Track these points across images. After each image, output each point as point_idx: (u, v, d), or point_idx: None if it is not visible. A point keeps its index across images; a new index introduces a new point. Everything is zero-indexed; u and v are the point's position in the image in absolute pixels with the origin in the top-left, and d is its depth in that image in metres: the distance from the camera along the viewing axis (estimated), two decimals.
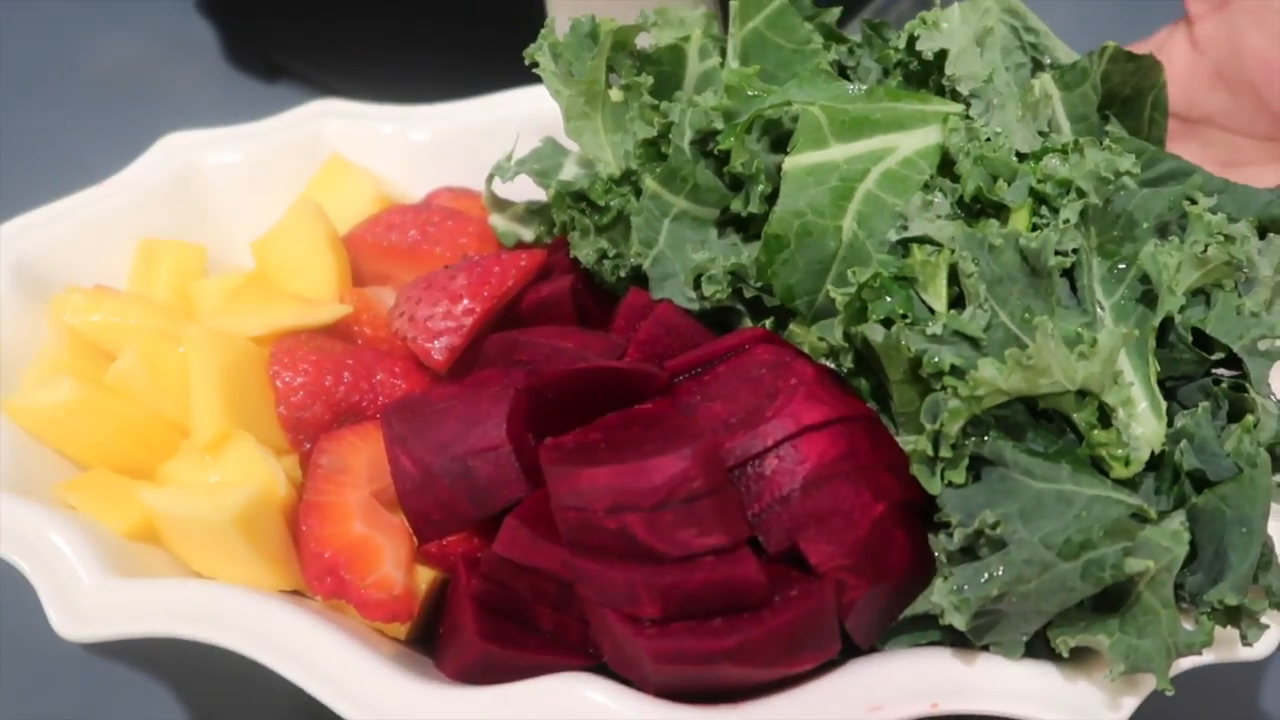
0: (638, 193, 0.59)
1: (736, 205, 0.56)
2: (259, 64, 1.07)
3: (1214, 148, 0.72)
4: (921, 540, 0.49)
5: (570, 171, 0.64)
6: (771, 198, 0.54)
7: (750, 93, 0.57)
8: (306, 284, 0.65)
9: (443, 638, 0.54)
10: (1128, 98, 0.60)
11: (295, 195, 0.74)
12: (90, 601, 0.50)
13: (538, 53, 0.62)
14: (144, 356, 0.59)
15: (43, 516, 0.53)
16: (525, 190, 0.67)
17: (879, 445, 0.49)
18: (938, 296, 0.50)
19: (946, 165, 0.54)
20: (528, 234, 0.67)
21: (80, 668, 0.68)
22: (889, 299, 0.50)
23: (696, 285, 0.56)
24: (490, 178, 0.67)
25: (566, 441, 0.50)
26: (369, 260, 0.68)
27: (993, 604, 0.46)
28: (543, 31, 0.62)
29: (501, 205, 0.68)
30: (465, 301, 0.58)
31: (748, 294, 0.56)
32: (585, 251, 0.60)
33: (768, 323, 0.55)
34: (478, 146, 0.75)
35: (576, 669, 0.49)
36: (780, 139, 0.56)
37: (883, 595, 0.48)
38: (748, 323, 0.56)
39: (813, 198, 0.53)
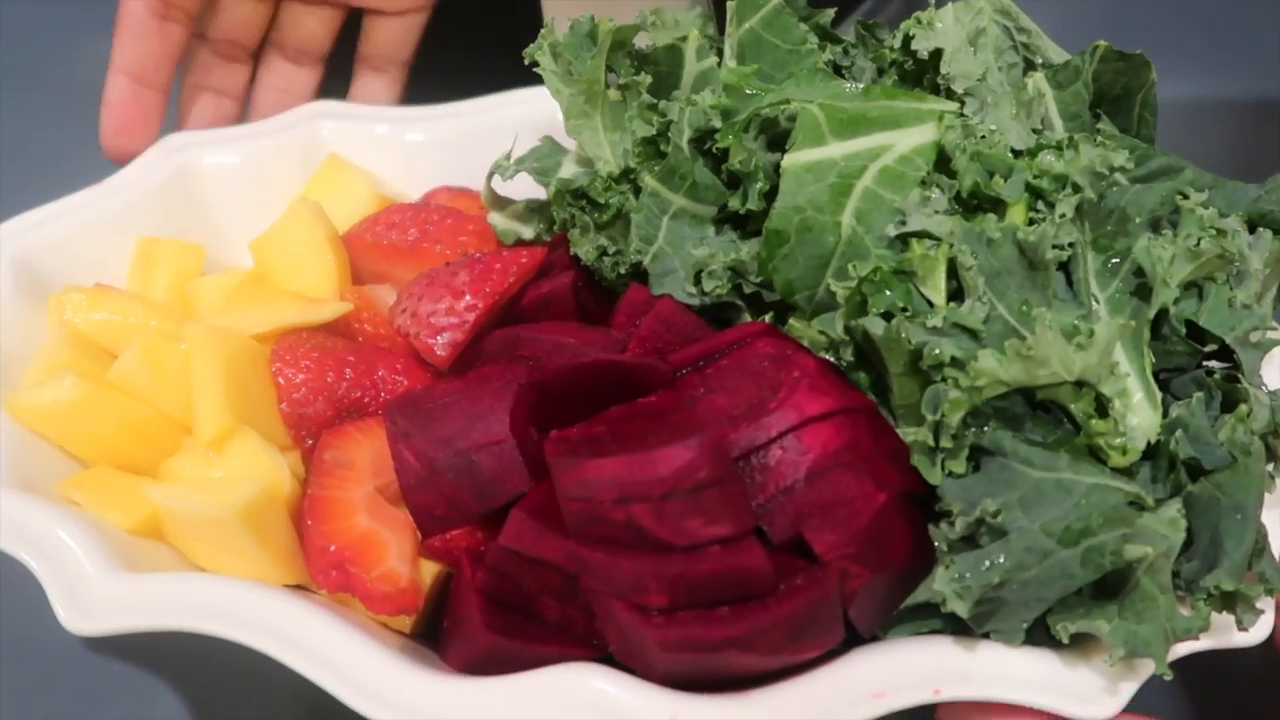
0: (637, 191, 0.60)
1: (734, 203, 0.57)
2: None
3: None
4: (922, 529, 0.49)
5: (570, 169, 0.65)
6: (770, 195, 0.55)
7: (748, 91, 0.58)
8: (306, 282, 0.66)
9: (447, 631, 0.54)
10: (1118, 97, 0.61)
11: (292, 196, 0.74)
12: (97, 596, 0.50)
13: (538, 52, 0.63)
14: (146, 354, 0.59)
15: (48, 513, 0.53)
16: (524, 189, 0.68)
17: (880, 436, 0.49)
18: (937, 290, 0.51)
19: (943, 162, 0.55)
20: (527, 232, 0.68)
21: (81, 667, 0.68)
22: (889, 292, 0.51)
23: (697, 281, 0.57)
24: (490, 176, 0.67)
25: (572, 434, 0.51)
26: (368, 259, 0.68)
27: (994, 591, 0.46)
28: (543, 31, 0.63)
29: (501, 203, 0.68)
30: (468, 298, 0.59)
31: (747, 289, 0.57)
32: (585, 249, 0.61)
33: (767, 318, 0.56)
34: (473, 147, 0.75)
35: (582, 660, 0.50)
36: (777, 137, 0.57)
37: (885, 584, 0.48)
38: (747, 318, 0.57)
39: (812, 194, 0.53)
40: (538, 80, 0.64)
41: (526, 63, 0.63)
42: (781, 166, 0.54)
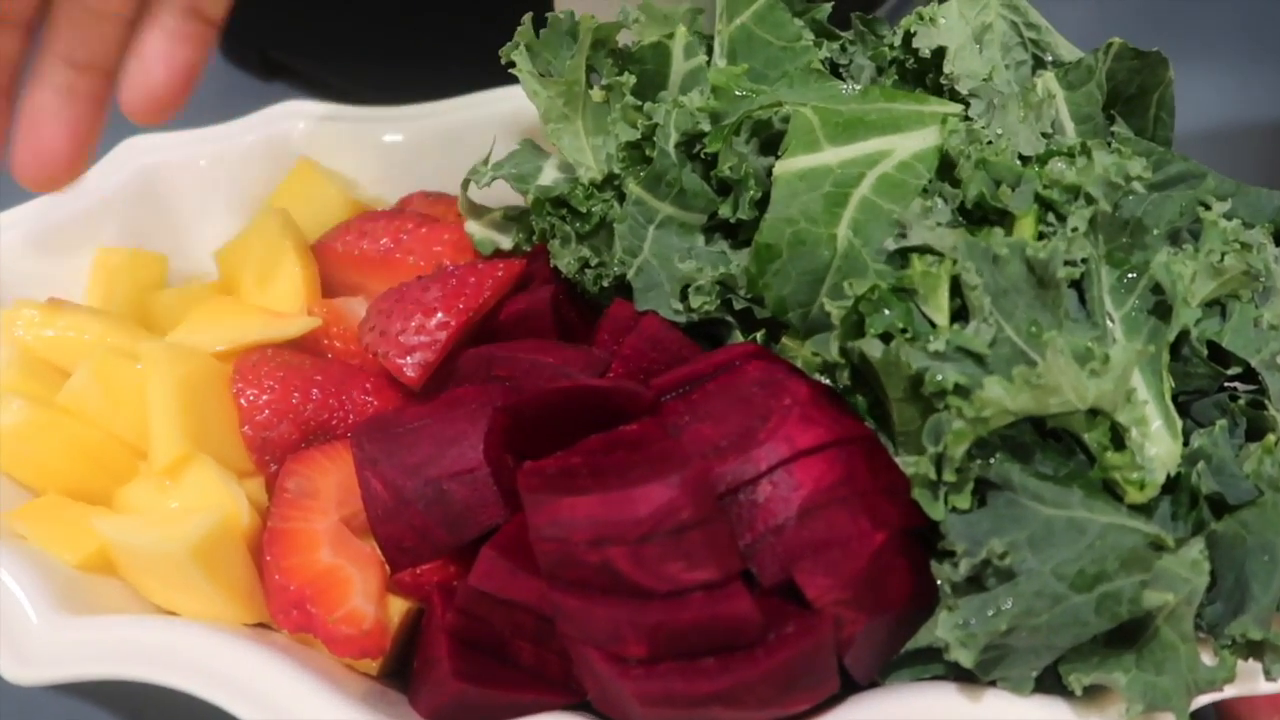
0: (621, 198, 0.56)
1: (725, 211, 0.53)
2: (254, 60, 1.04)
3: None
4: (923, 568, 0.46)
5: (549, 176, 0.61)
6: (761, 203, 0.52)
7: (738, 93, 0.54)
8: (273, 295, 0.62)
9: (417, 673, 0.51)
10: (1132, 96, 0.57)
11: (261, 201, 0.71)
12: (39, 642, 0.47)
13: (514, 52, 0.59)
14: (98, 374, 0.55)
15: None
16: (503, 195, 0.64)
17: (878, 469, 0.46)
18: (939, 309, 0.47)
19: (946, 169, 0.51)
20: (506, 241, 0.64)
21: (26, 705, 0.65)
22: (887, 312, 0.47)
23: (683, 297, 0.53)
24: (466, 183, 0.64)
25: (546, 466, 0.47)
26: (339, 270, 0.64)
27: (1001, 639, 0.43)
28: (519, 30, 0.59)
29: (478, 211, 0.64)
30: (439, 315, 0.55)
31: (737, 305, 0.53)
32: (566, 260, 0.57)
33: (758, 336, 0.53)
34: (454, 148, 0.72)
35: (558, 707, 0.47)
36: (770, 141, 0.53)
37: (883, 629, 0.45)
38: (738, 335, 0.53)
39: (805, 204, 0.50)
40: None
41: (503, 62, 0.60)
42: (773, 174, 0.50)
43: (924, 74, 0.56)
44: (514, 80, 0.61)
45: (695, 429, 0.47)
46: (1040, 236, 0.48)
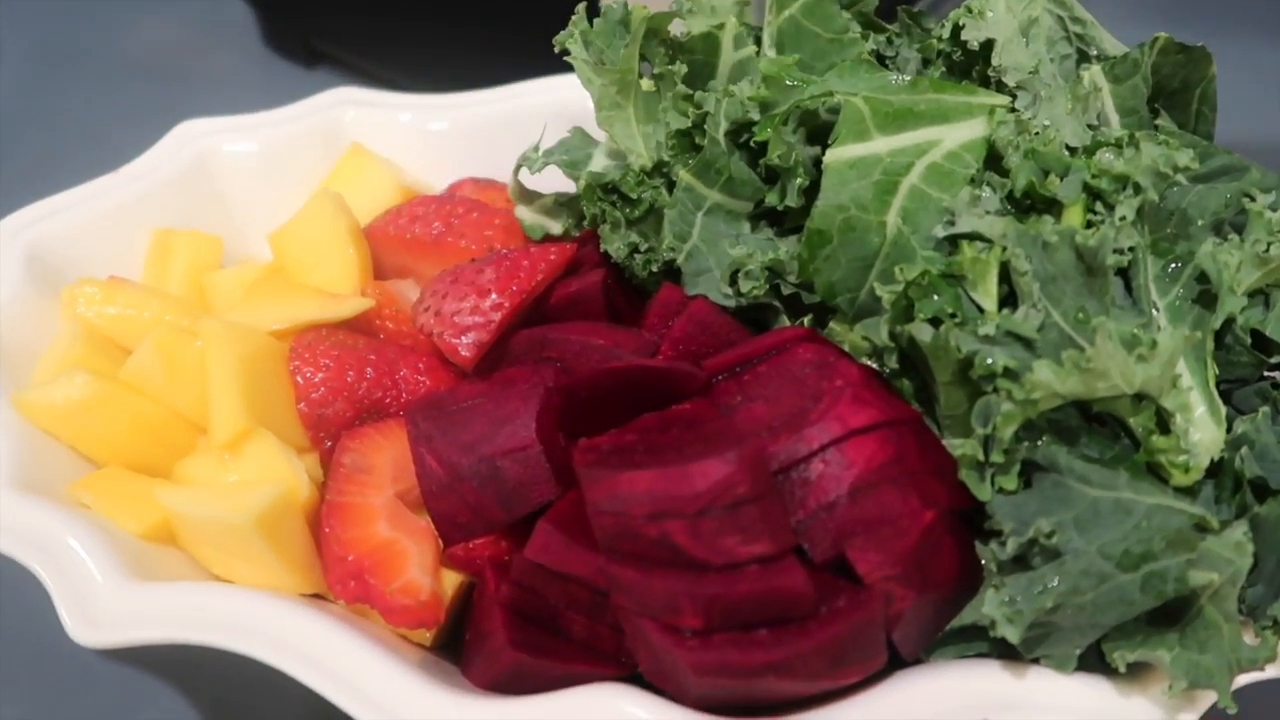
0: (670, 185, 0.57)
1: (772, 199, 0.54)
2: (299, 50, 1.05)
3: None
4: (969, 549, 0.47)
5: (600, 162, 0.62)
6: (810, 191, 0.53)
7: (788, 82, 0.55)
8: (327, 276, 0.63)
9: (469, 644, 0.52)
10: (1175, 90, 0.58)
11: (313, 185, 0.72)
12: (106, 607, 0.48)
13: (569, 40, 0.60)
14: (160, 351, 0.57)
15: (57, 517, 0.51)
16: (553, 182, 0.65)
17: (926, 450, 0.47)
18: (988, 295, 0.48)
19: (994, 160, 0.52)
20: (556, 227, 0.65)
21: (87, 672, 0.66)
22: (937, 297, 0.48)
23: (733, 281, 0.55)
24: (517, 168, 0.65)
25: (602, 443, 0.48)
26: (391, 253, 0.66)
27: (1046, 616, 0.44)
28: (574, 19, 0.60)
29: (529, 197, 0.66)
30: (493, 296, 0.56)
31: (785, 290, 0.54)
32: (616, 245, 0.59)
33: (806, 320, 0.54)
34: (499, 136, 0.73)
35: (609, 678, 0.48)
36: (818, 131, 0.54)
37: (930, 606, 0.46)
38: (785, 320, 0.54)
39: (855, 192, 0.51)
40: (570, 68, 0.61)
41: (556, 50, 0.61)
42: (824, 162, 0.51)
43: (970, 66, 0.57)
44: (557, 70, 0.62)
45: (748, 409, 0.48)
46: (1088, 225, 0.49)
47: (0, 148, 0.94)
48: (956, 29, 0.57)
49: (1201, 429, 0.47)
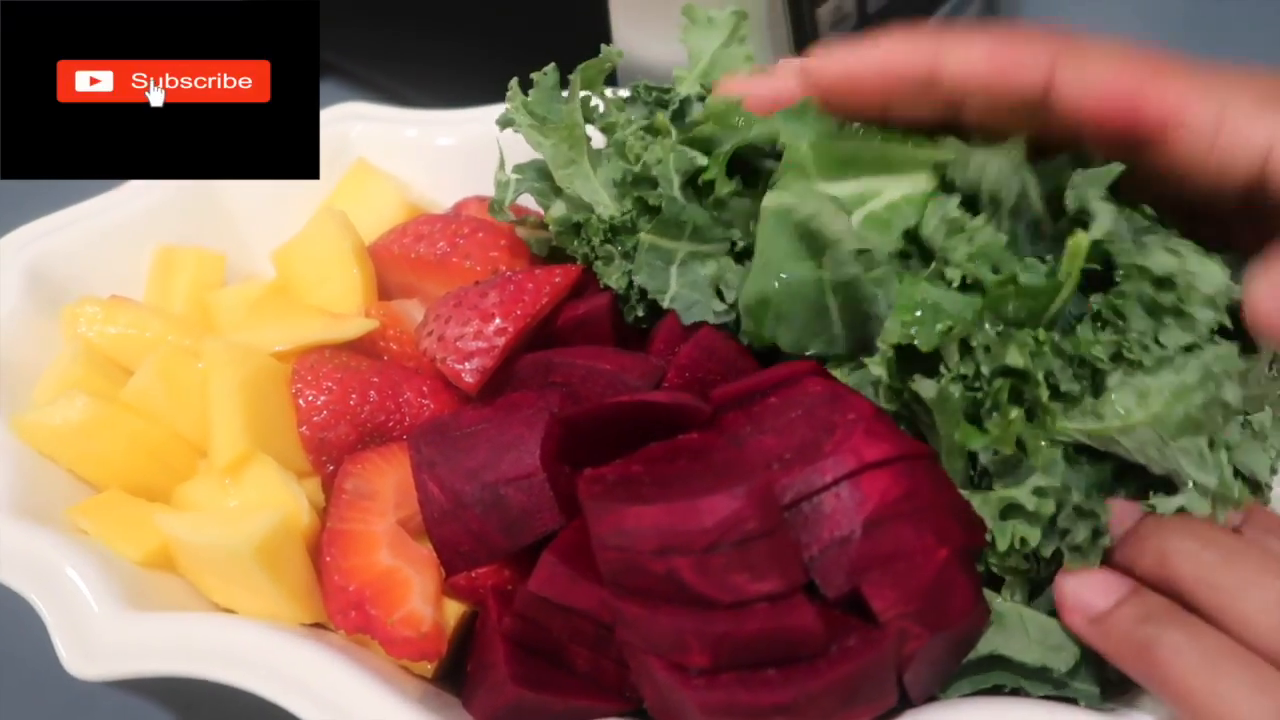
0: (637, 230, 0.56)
1: (735, 234, 0.53)
2: None
3: None
4: (979, 588, 0.46)
5: (560, 209, 0.60)
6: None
7: (736, 121, 0.53)
8: (330, 296, 0.63)
9: (471, 676, 0.51)
10: None
11: (318, 200, 0.72)
12: (102, 638, 0.47)
13: (513, 112, 0.59)
14: (161, 372, 0.56)
15: (55, 545, 0.50)
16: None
17: (939, 486, 0.46)
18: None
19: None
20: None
21: (84, 699, 0.65)
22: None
23: (721, 297, 0.53)
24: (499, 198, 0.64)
25: (607, 474, 0.47)
26: (395, 272, 0.65)
27: None
28: (509, 94, 0.60)
29: (522, 218, 0.65)
30: (497, 321, 0.55)
31: None
32: (615, 278, 0.57)
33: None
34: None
35: (613, 714, 0.47)
36: (760, 172, 0.52)
37: (942, 645, 0.45)
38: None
39: (787, 245, 0.48)
40: None
41: (500, 130, 0.61)
42: (761, 206, 0.49)
43: None
44: (566, 88, 0.61)
45: (758, 440, 0.47)
46: None
47: None
48: None
49: None
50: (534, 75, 0.61)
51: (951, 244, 0.46)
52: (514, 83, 0.60)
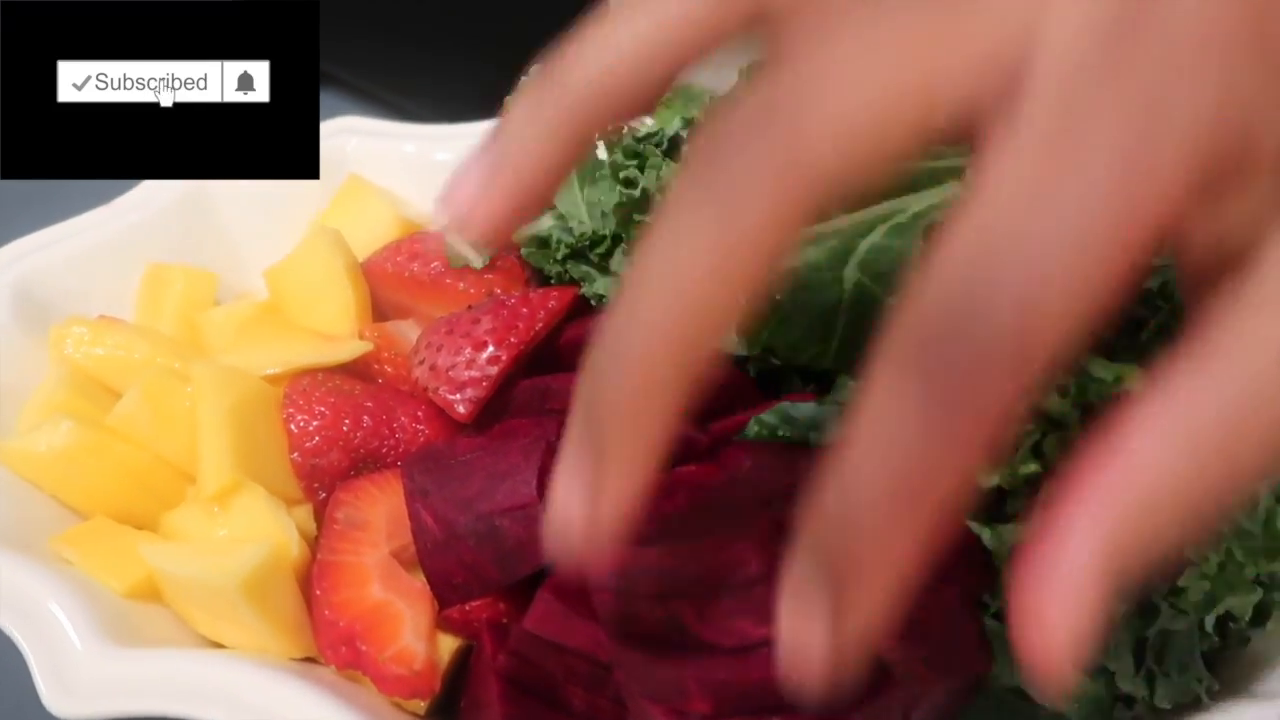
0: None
1: None
2: None
3: None
4: (983, 631, 0.45)
5: (547, 223, 0.59)
6: None
7: None
8: (323, 317, 0.61)
9: (464, 712, 0.50)
10: None
11: (312, 215, 0.70)
12: (85, 675, 0.46)
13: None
14: (149, 396, 0.55)
15: (37, 577, 0.48)
16: None
17: None
18: None
19: None
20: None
21: None
22: None
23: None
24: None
25: None
26: (389, 290, 0.63)
27: None
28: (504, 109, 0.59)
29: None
30: (490, 349, 0.54)
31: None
32: (599, 289, 0.56)
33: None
34: None
35: None
36: None
37: (946, 691, 0.43)
38: (797, 383, 0.52)
39: (809, 256, 0.48)
40: None
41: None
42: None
43: None
44: None
45: (758, 476, 0.46)
46: None
47: None
48: None
49: None
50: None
51: None
52: (510, 98, 0.59)
